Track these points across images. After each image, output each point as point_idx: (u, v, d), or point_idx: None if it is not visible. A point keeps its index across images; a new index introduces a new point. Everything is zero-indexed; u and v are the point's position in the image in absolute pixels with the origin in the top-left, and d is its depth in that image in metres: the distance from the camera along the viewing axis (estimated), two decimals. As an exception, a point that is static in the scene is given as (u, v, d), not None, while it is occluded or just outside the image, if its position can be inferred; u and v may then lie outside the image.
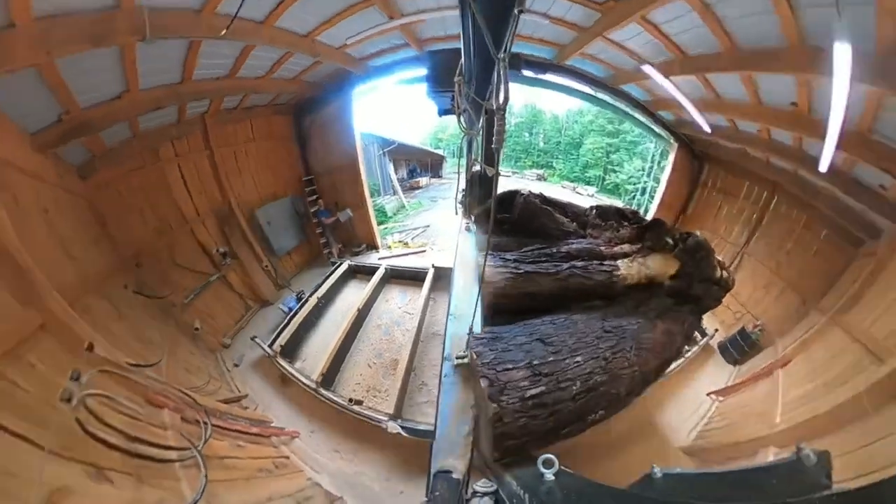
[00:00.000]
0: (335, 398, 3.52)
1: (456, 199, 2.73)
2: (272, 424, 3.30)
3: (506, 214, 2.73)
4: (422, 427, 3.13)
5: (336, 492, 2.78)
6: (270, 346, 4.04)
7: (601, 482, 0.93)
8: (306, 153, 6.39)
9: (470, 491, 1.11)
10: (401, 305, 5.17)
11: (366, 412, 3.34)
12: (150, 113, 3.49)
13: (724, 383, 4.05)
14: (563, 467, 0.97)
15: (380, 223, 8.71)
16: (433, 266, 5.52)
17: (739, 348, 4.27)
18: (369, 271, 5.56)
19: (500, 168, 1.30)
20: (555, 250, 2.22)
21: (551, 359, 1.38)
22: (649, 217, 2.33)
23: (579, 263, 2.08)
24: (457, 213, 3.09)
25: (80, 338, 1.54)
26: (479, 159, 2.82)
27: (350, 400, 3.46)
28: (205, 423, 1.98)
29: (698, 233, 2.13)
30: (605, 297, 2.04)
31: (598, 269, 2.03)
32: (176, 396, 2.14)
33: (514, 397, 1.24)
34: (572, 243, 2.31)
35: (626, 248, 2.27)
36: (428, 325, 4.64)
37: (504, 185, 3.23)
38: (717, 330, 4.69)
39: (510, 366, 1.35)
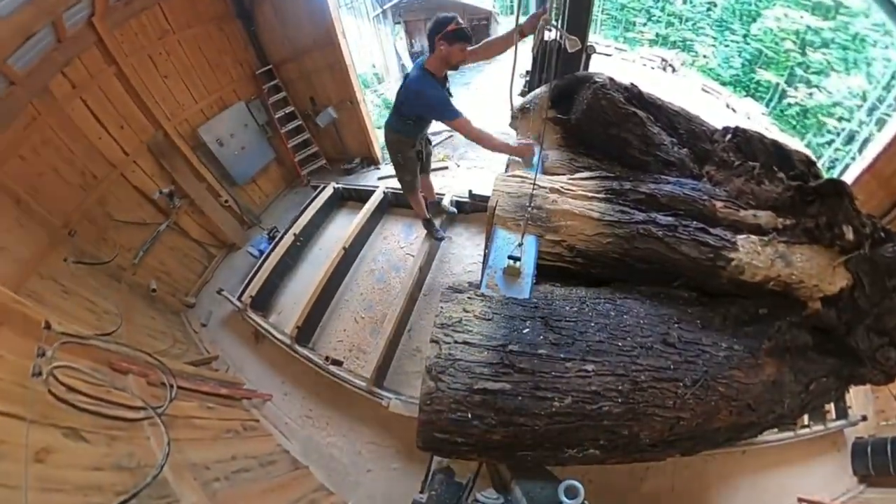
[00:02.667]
0: (311, 356, 4.01)
1: (511, 87, 2.22)
2: (245, 386, 4.02)
3: (559, 116, 2.38)
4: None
5: (303, 460, 3.45)
6: (239, 298, 4.58)
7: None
8: (257, 33, 5.89)
9: (471, 498, 1.30)
10: (403, 244, 5.18)
11: (344, 374, 3.79)
12: (19, 49, 3.35)
13: (831, 496, 3.57)
14: (588, 502, 1.08)
15: (383, 126, 8.30)
16: (453, 195, 5.28)
17: (882, 464, 3.52)
18: (363, 196, 5.54)
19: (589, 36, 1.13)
20: (628, 186, 1.94)
21: (543, 352, 1.33)
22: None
23: (664, 219, 1.78)
24: (512, 109, 2.71)
25: (36, 320, 2.06)
26: (554, 19, 2.39)
27: (327, 358, 3.90)
28: (170, 386, 2.56)
29: None
30: (696, 288, 1.81)
31: (694, 238, 1.73)
32: (139, 360, 2.71)
33: (460, 383, 1.25)
34: (666, 182, 1.98)
35: (762, 216, 1.86)
36: (437, 272, 4.71)
37: (602, 68, 2.73)
38: (864, 417, 3.95)
39: (475, 340, 1.33)
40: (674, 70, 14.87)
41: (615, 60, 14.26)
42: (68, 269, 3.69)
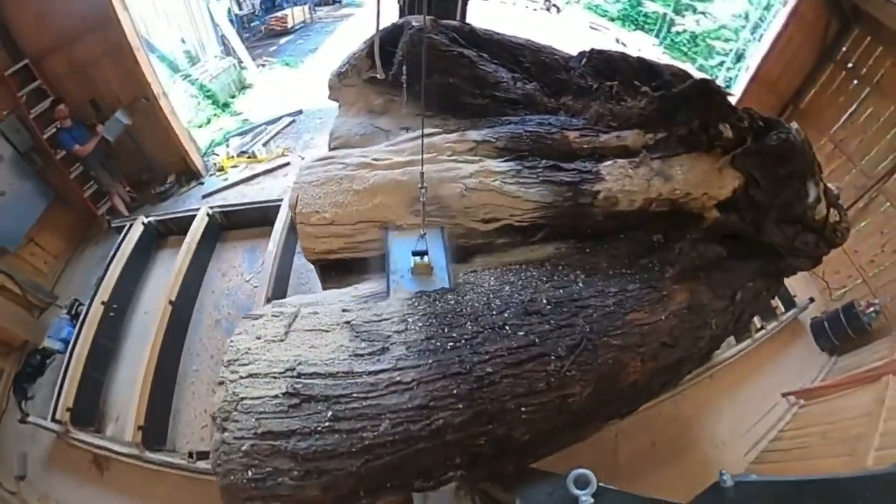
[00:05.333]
0: (171, 460, 3.66)
1: (376, 43, 2.18)
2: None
3: (374, 75, 2.44)
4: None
5: None
6: (54, 417, 3.92)
7: (657, 497, 1.23)
8: (1, 14, 5.03)
9: None
10: (248, 276, 4.96)
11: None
12: None
13: (812, 380, 4.39)
14: (603, 485, 1.17)
15: (203, 123, 7.97)
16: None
17: (842, 332, 4.62)
18: (184, 226, 5.09)
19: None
20: (453, 138, 1.98)
21: (341, 369, 1.31)
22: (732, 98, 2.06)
23: (501, 166, 1.83)
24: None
25: None
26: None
27: (190, 455, 3.60)
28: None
29: (794, 127, 1.88)
30: (570, 236, 1.88)
31: (545, 179, 1.81)
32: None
33: (245, 429, 1.23)
34: (506, 122, 2.08)
35: (628, 136, 2.03)
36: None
37: (481, 14, 2.80)
38: (811, 300, 4.95)
39: (262, 369, 1.33)
40: (558, 10, 16.57)
41: (493, 4, 15.27)
42: None
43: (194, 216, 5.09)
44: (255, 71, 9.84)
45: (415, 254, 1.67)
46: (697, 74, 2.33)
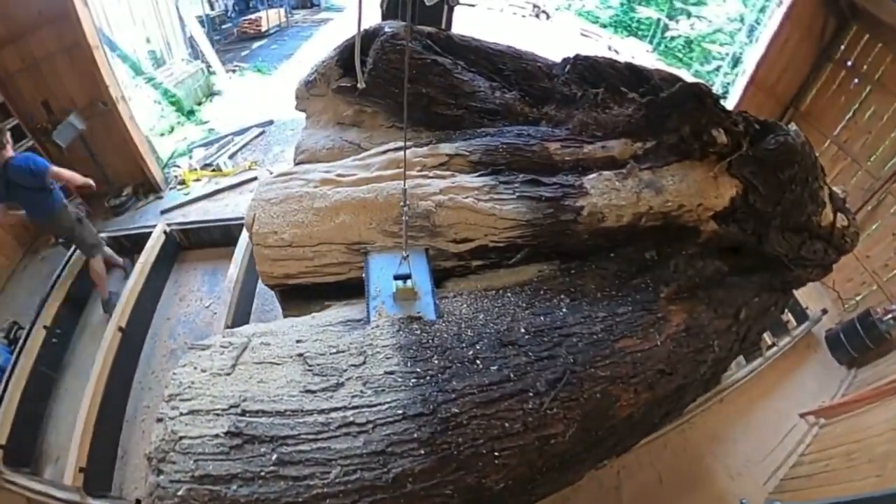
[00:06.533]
0: None
1: (357, 53, 2.28)
2: None
3: (345, 85, 2.51)
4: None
5: None
6: None
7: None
8: None
9: None
10: (208, 301, 4.95)
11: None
12: None
13: (831, 396, 4.38)
14: None
15: (166, 132, 7.96)
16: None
17: (859, 343, 4.66)
18: (139, 244, 5.12)
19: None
20: (423, 152, 1.99)
21: (289, 407, 1.30)
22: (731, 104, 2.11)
23: (474, 181, 1.82)
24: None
25: None
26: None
27: (138, 502, 3.45)
28: None
29: (793, 128, 1.90)
30: (553, 256, 1.86)
31: (522, 194, 1.79)
32: None
33: (182, 471, 1.22)
34: (482, 135, 2.07)
35: (614, 145, 2.05)
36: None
37: (467, 21, 2.86)
38: (824, 311, 5.01)
39: (204, 405, 1.31)
40: (548, 16, 17.06)
41: (480, 11, 15.70)
42: None
43: (150, 233, 5.04)
44: (225, 77, 9.85)
45: (396, 277, 1.65)
46: (692, 80, 2.37)
